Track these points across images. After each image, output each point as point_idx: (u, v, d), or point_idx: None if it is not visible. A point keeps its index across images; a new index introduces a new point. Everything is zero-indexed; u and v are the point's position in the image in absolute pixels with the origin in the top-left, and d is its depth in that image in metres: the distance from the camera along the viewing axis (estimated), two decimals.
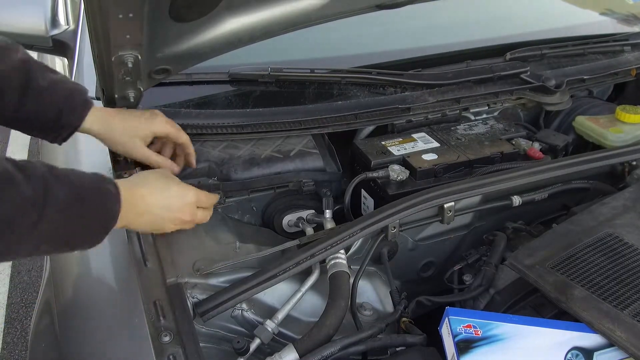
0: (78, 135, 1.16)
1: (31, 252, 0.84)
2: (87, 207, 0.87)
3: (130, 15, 0.90)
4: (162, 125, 1.21)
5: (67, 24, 1.74)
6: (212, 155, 1.34)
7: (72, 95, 1.12)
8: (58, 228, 0.84)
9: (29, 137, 3.77)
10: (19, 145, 3.72)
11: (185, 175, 1.28)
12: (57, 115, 1.11)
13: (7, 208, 0.77)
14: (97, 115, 1.15)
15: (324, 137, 1.47)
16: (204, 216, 1.11)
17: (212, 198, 1.14)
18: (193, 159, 1.28)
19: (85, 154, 1.34)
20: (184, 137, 1.24)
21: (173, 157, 1.28)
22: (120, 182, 0.95)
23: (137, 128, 1.18)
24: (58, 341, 1.03)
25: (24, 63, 1.08)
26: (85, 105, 1.13)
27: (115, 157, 1.23)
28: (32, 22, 1.56)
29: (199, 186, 1.17)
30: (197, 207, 1.09)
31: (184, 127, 1.31)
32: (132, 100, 1.19)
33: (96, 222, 0.90)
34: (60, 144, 1.17)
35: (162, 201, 1.03)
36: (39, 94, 1.08)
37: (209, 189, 1.23)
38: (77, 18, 1.69)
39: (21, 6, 1.58)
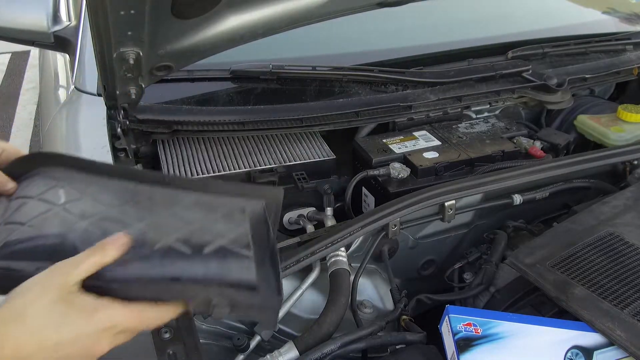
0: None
1: None
2: None
3: (132, 11, 0.90)
4: None
5: (69, 20, 1.74)
6: (73, 227, 0.77)
7: None
8: None
9: (30, 133, 3.79)
10: (20, 139, 3.72)
11: (14, 253, 0.75)
12: None
13: None
14: None
15: (269, 231, 0.79)
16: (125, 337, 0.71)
17: (144, 315, 0.71)
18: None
19: (84, 150, 1.34)
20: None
21: None
22: None
23: None
24: None
25: None
26: None
27: (116, 152, 1.23)
28: (34, 18, 1.56)
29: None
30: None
31: (185, 124, 1.31)
32: (133, 97, 1.19)
33: None
34: None
35: (54, 345, 0.65)
36: None
37: None
38: (78, 14, 1.69)
39: (23, 2, 1.58)
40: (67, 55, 1.67)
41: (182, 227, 0.77)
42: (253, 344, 1.02)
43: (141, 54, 1.03)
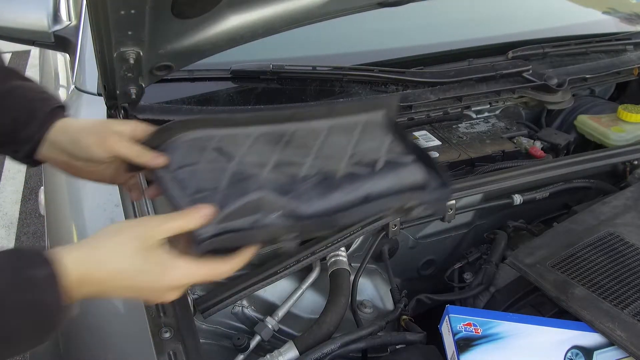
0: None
1: None
2: (6, 314, 0.63)
3: (133, 11, 0.90)
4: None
5: (69, 19, 1.74)
6: (262, 179, 0.81)
7: (35, 103, 0.89)
8: None
9: None
10: None
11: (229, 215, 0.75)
12: (13, 125, 0.87)
13: None
14: (61, 124, 0.89)
15: (403, 133, 0.94)
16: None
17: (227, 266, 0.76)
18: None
19: None
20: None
21: None
22: (69, 258, 0.67)
23: (112, 122, 0.89)
24: (58, 337, 1.03)
25: None
26: (51, 115, 0.88)
27: None
28: (34, 17, 1.56)
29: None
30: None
31: None
32: (133, 96, 1.19)
33: (27, 325, 0.65)
34: (31, 165, 0.92)
35: (135, 289, 0.73)
36: None
37: (275, 234, 0.78)
38: (79, 14, 1.69)
39: (23, 2, 1.58)
40: (67, 55, 1.67)
41: (343, 153, 0.85)
42: (253, 344, 1.02)
43: (141, 53, 1.03)
